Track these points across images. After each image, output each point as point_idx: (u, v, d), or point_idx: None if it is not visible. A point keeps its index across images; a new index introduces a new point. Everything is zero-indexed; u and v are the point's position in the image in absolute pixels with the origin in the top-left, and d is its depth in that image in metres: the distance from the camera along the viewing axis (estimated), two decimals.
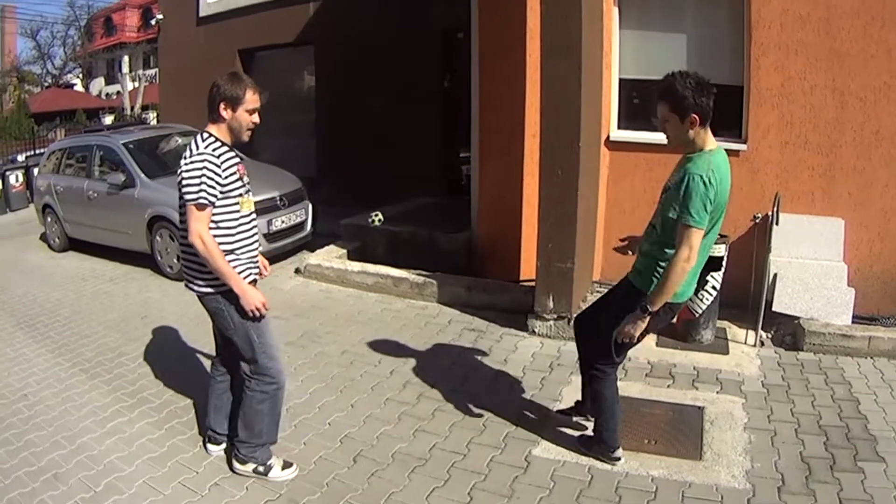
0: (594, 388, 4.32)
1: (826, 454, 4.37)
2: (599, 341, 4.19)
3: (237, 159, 4.10)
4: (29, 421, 5.40)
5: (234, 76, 4.03)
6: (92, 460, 4.73)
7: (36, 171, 13.13)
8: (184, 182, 3.88)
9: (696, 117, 3.60)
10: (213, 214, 3.97)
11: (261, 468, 4.38)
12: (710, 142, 3.73)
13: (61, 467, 4.68)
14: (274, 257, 9.15)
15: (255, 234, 4.33)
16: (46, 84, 51.86)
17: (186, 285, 4.24)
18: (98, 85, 53.40)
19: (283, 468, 4.42)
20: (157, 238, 9.07)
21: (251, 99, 4.00)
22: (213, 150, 3.93)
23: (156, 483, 4.41)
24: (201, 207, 3.89)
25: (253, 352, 4.19)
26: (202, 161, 3.88)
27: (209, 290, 4.11)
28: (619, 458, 4.32)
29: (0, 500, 4.35)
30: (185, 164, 3.90)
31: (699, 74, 3.66)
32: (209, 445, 4.72)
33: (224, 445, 4.68)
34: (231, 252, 4.07)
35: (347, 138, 12.98)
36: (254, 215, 4.30)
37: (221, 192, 3.96)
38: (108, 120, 37.97)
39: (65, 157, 11.43)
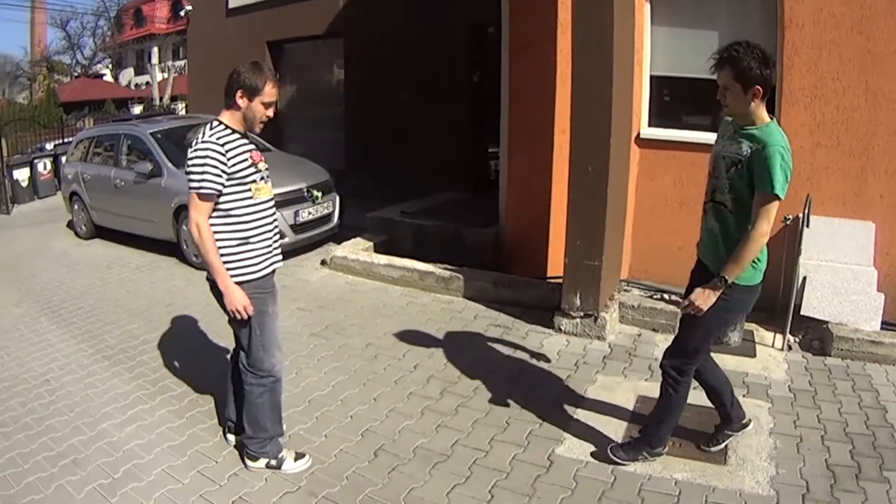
0: (664, 386, 4.16)
1: (852, 462, 4.26)
2: (679, 338, 4.11)
3: (250, 146, 4.06)
4: (50, 406, 5.42)
5: (256, 66, 3.99)
6: (112, 447, 4.73)
7: (64, 159, 13.18)
8: (189, 170, 3.88)
9: (760, 89, 3.50)
10: (224, 203, 3.95)
11: (273, 462, 4.36)
12: (766, 115, 3.64)
13: (81, 453, 4.68)
14: (300, 249, 9.19)
15: (273, 222, 4.25)
16: (76, 74, 52.37)
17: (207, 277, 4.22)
18: (127, 75, 53.85)
19: (295, 459, 4.39)
20: (184, 227, 9.04)
21: (269, 92, 3.97)
22: (218, 138, 3.90)
23: (175, 472, 4.40)
24: (203, 197, 3.88)
25: (250, 343, 4.17)
26: (205, 150, 3.85)
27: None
28: (660, 454, 4.27)
29: (18, 483, 4.37)
30: (192, 152, 3.89)
31: (762, 46, 3.55)
32: (229, 436, 4.69)
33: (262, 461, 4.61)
34: (245, 241, 4.03)
35: (376, 131, 12.95)
36: (271, 202, 4.23)
37: (229, 181, 3.92)
38: (137, 110, 38.21)
39: (93, 146, 11.50)
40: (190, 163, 3.87)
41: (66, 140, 19.90)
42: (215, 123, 3.97)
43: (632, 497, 4.00)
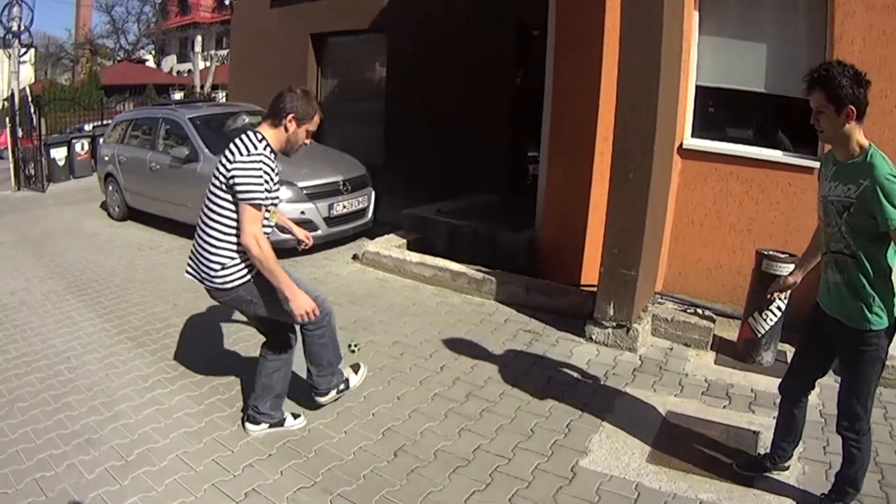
0: (849, 455, 3.82)
1: (880, 493, 4.08)
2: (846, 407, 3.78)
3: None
4: (69, 384, 5.39)
5: (307, 95, 4.12)
6: (127, 429, 4.68)
7: (101, 140, 13.24)
8: (240, 179, 3.85)
9: (853, 109, 3.31)
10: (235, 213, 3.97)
11: (341, 385, 4.75)
12: (864, 138, 3.43)
13: (95, 433, 4.64)
14: (332, 242, 9.12)
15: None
16: (119, 58, 52.90)
17: (198, 278, 4.21)
18: (170, 62, 54.35)
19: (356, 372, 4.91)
20: None
21: (316, 121, 4.15)
22: (270, 152, 3.98)
23: (189, 458, 4.33)
24: (259, 208, 3.89)
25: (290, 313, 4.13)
26: (259, 161, 3.88)
27: (231, 283, 4.12)
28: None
29: (30, 459, 4.33)
30: (242, 161, 3.87)
31: (854, 65, 3.36)
32: (248, 425, 4.63)
33: (264, 426, 4.60)
34: (243, 251, 4.04)
35: (415, 129, 12.88)
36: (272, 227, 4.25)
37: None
38: (178, 96, 38.61)
39: (130, 129, 11.59)
40: (243, 172, 3.85)
41: (105, 122, 20.00)
42: (260, 137, 3.99)
43: None
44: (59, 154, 16.66)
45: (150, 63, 53.92)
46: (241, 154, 3.87)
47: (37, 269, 8.68)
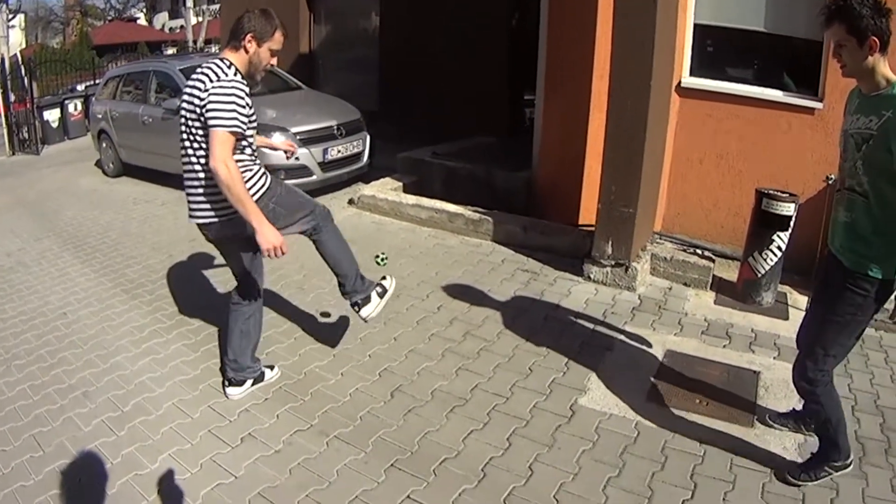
0: (812, 414, 3.68)
1: (881, 436, 4.04)
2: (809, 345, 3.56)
3: None
4: (65, 339, 5.38)
5: (266, 13, 3.93)
6: (123, 380, 4.68)
7: (94, 98, 13.12)
8: (213, 106, 3.68)
9: (876, 41, 3.05)
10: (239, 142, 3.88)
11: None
12: (890, 71, 3.14)
13: (92, 386, 4.63)
14: (328, 187, 9.07)
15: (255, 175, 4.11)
16: (109, 18, 52.28)
17: (202, 217, 4.08)
18: (162, 19, 53.65)
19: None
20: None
21: (277, 39, 3.94)
22: (242, 79, 3.82)
23: (185, 406, 4.33)
24: (233, 134, 3.73)
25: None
26: (231, 87, 3.72)
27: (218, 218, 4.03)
28: (850, 464, 3.63)
29: (28, 415, 4.32)
30: (215, 88, 3.70)
31: None
32: (230, 389, 4.51)
33: (247, 385, 4.52)
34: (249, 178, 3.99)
35: (410, 74, 12.68)
36: (256, 156, 4.15)
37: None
38: (171, 52, 38.14)
39: (122, 84, 11.44)
40: (214, 98, 3.68)
41: (97, 82, 19.83)
42: (228, 63, 3.82)
43: (655, 454, 3.83)
44: (52, 116, 16.47)
45: (142, 21, 53.23)
46: (213, 81, 3.72)
47: (32, 229, 8.62)
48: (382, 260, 5.97)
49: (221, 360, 4.76)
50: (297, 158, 7.56)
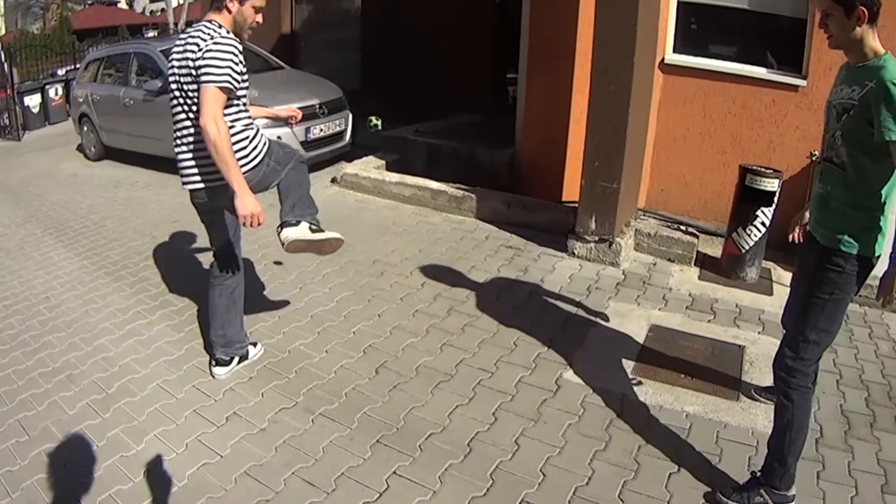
0: (779, 407, 3.30)
1: (867, 410, 4.09)
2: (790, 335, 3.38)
3: None
4: (48, 323, 5.35)
5: None
6: (107, 362, 4.65)
7: (74, 82, 13.00)
8: (206, 62, 3.62)
9: (864, 11, 2.95)
10: (232, 101, 3.83)
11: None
12: (879, 44, 3.04)
13: (76, 369, 4.61)
14: (310, 166, 9.01)
15: (256, 136, 4.06)
16: (90, 2, 51.82)
17: (184, 183, 4.08)
18: (142, 2, 53.26)
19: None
20: None
21: None
22: (233, 39, 3.75)
23: (169, 386, 4.31)
24: (224, 90, 3.67)
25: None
26: (227, 44, 3.68)
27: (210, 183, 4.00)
28: (792, 499, 3.29)
29: (12, 400, 4.30)
30: (210, 46, 3.64)
31: None
32: (217, 369, 4.48)
33: (234, 363, 4.50)
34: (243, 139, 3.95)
35: (393, 53, 12.59)
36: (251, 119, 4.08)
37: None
38: (152, 35, 37.86)
39: (102, 67, 11.32)
40: (209, 55, 3.63)
41: (78, 66, 19.67)
42: (217, 24, 3.76)
43: (641, 427, 3.86)
44: (33, 101, 16.32)
45: (122, 4, 52.86)
46: (206, 41, 3.67)
47: (14, 214, 8.54)
48: (374, 126, 5.78)
49: (206, 340, 4.73)
50: (278, 137, 7.52)
